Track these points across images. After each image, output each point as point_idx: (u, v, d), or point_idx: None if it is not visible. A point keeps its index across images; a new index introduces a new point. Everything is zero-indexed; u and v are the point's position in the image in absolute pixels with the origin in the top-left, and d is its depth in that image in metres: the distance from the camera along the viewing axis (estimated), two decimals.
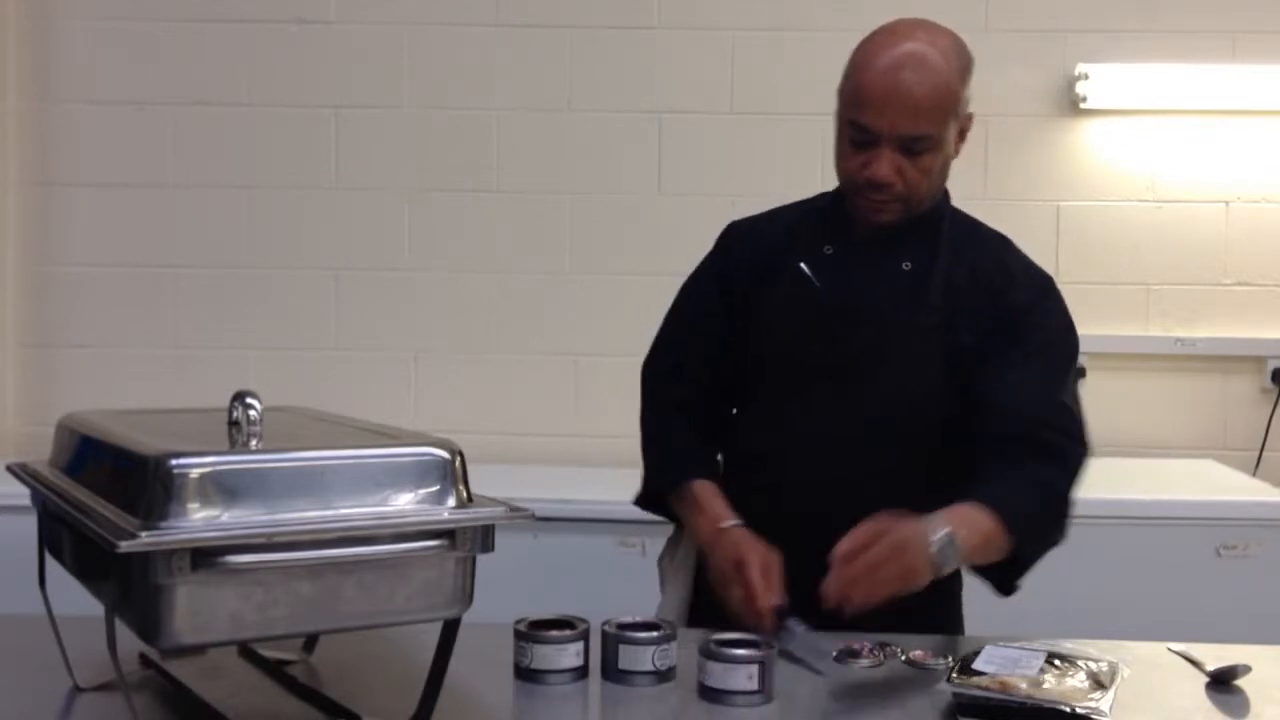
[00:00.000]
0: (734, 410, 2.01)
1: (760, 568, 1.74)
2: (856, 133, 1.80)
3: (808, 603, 1.71)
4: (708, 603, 1.88)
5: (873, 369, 1.84)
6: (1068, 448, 1.81)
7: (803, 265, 1.88)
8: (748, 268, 1.95)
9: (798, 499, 1.86)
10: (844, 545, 1.59)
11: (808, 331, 1.87)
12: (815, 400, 1.86)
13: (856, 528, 1.61)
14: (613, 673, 1.59)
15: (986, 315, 1.85)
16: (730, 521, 1.83)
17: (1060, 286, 1.94)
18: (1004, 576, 1.80)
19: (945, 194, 1.92)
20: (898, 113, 1.75)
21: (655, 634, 1.60)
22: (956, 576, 1.94)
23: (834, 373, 1.85)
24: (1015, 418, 1.78)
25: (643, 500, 2.02)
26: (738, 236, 2.01)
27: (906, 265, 1.86)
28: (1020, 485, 1.75)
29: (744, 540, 1.79)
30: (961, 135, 1.85)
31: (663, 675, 1.58)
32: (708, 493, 1.89)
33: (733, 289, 1.96)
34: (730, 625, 1.70)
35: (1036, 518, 1.77)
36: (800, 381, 1.88)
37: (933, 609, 1.82)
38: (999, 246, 1.93)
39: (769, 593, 1.72)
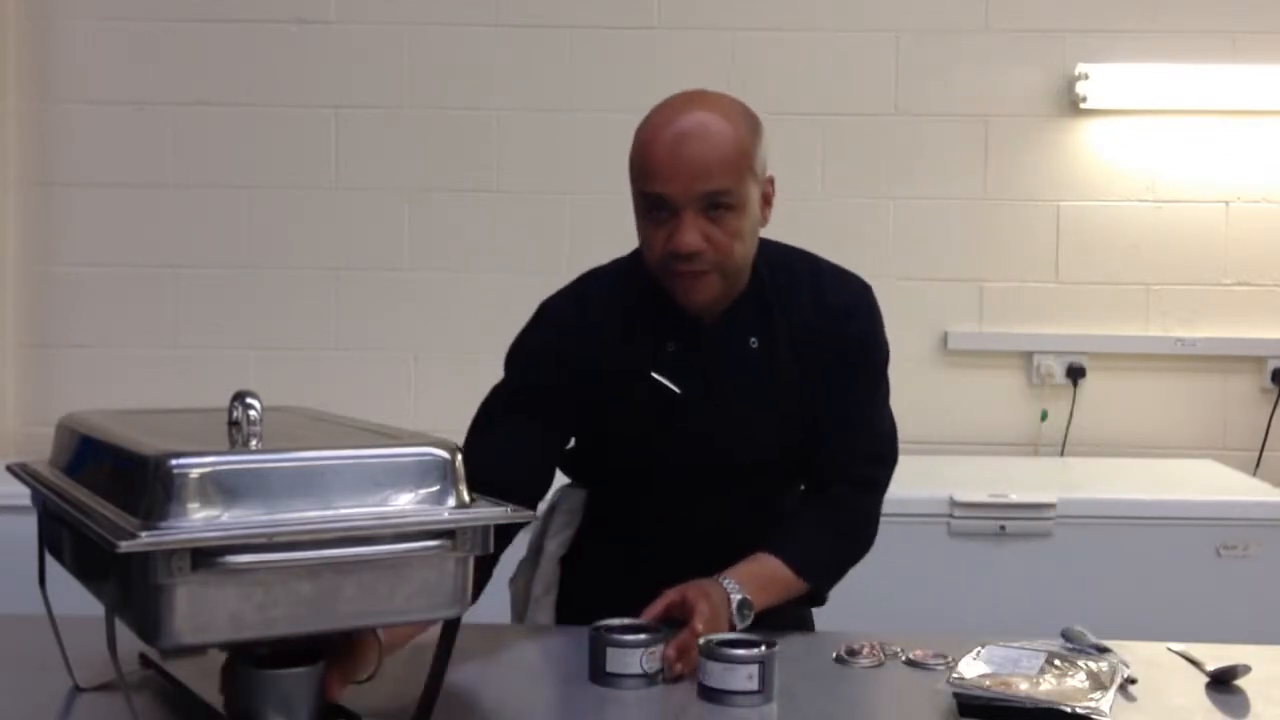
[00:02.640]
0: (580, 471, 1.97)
1: None
2: (654, 206, 1.72)
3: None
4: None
5: (747, 443, 1.83)
6: (880, 477, 1.91)
7: (656, 375, 1.80)
8: (586, 370, 1.80)
9: (645, 533, 1.88)
10: (656, 610, 1.66)
11: (681, 433, 1.82)
12: (686, 490, 1.84)
13: (663, 599, 1.67)
14: (600, 675, 1.58)
15: (828, 353, 1.83)
16: None
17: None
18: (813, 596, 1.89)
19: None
20: (690, 173, 1.68)
21: (644, 636, 1.59)
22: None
23: (711, 454, 1.83)
24: (839, 455, 1.86)
25: None
26: (564, 335, 1.84)
27: (754, 343, 1.81)
28: (824, 536, 1.84)
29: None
30: (767, 201, 1.78)
31: (650, 678, 1.57)
32: None
33: (571, 388, 1.81)
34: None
35: (835, 561, 1.87)
36: (675, 469, 1.84)
37: (782, 613, 1.82)
38: (813, 278, 1.86)
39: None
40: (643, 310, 1.82)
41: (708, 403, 1.81)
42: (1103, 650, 1.65)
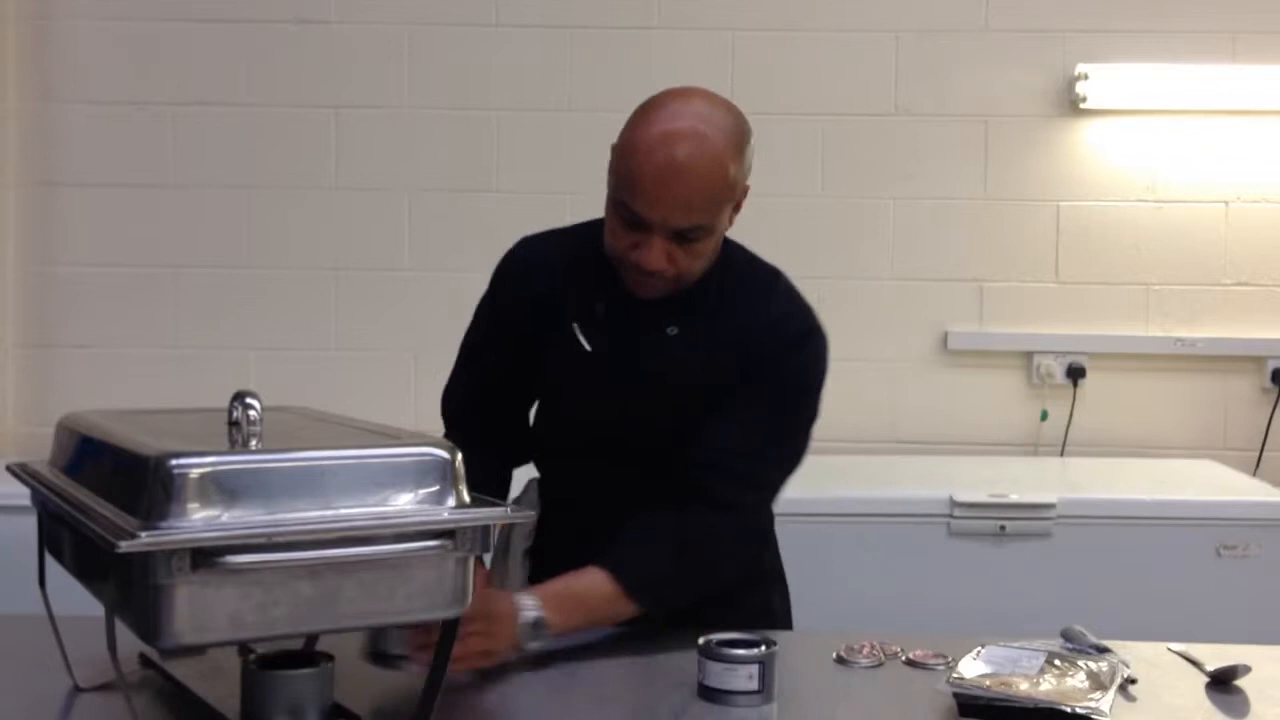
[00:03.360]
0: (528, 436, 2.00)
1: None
2: (628, 214, 1.71)
3: None
4: None
5: (642, 423, 1.82)
6: (747, 500, 1.80)
7: (575, 326, 1.84)
8: (524, 309, 1.89)
9: (588, 521, 1.87)
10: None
11: (580, 391, 1.85)
12: (595, 451, 1.86)
13: None
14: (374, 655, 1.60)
15: (746, 362, 1.80)
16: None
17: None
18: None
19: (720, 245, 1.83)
20: (671, 206, 1.68)
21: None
22: (775, 577, 1.98)
23: (608, 425, 1.84)
24: (704, 463, 1.77)
25: None
26: (516, 273, 1.95)
27: (672, 330, 1.81)
28: (664, 554, 1.74)
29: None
30: (736, 208, 1.77)
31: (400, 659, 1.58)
32: None
33: (510, 330, 1.92)
34: None
35: (674, 583, 1.75)
36: (582, 437, 1.87)
37: (749, 604, 1.82)
38: (764, 293, 1.85)
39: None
40: (588, 268, 1.85)
41: (610, 370, 1.83)
42: (1103, 650, 1.65)
